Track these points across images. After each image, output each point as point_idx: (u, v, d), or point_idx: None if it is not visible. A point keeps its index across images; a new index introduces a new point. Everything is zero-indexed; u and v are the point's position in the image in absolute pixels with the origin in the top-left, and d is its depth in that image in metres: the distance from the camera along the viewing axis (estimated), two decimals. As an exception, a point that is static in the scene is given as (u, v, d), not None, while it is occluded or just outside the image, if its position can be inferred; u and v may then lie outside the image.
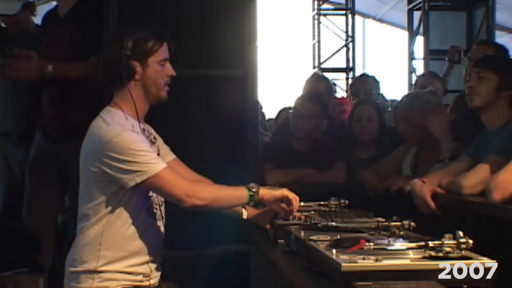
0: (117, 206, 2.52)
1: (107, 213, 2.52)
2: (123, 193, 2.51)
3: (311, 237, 2.29)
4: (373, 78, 5.20)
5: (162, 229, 2.68)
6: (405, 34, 10.30)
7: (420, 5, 9.07)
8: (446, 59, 5.62)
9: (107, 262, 2.51)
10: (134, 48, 2.55)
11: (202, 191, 2.51)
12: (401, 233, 2.28)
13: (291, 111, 4.43)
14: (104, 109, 2.61)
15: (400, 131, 3.81)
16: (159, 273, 2.66)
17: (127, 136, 2.46)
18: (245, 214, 2.76)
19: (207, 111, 3.38)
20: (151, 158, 2.46)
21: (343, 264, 1.85)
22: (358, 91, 5.01)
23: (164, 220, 2.69)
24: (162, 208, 2.68)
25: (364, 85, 5.03)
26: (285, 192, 2.64)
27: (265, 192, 2.59)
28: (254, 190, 2.56)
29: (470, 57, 4.12)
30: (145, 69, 2.58)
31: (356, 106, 4.33)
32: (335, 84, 13.67)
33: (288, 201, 2.64)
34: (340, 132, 4.35)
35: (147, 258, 2.58)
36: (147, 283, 2.60)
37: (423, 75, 5.92)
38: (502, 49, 4.22)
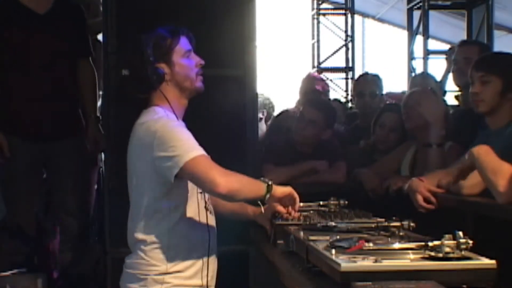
0: None
1: None
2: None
3: (310, 237, 2.28)
4: (377, 76, 4.95)
5: None
6: (404, 33, 10.29)
7: (419, 5, 9.07)
8: (451, 59, 5.57)
9: None
10: (155, 52, 2.55)
11: (233, 179, 2.48)
12: (401, 233, 2.27)
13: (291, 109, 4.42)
14: (142, 112, 2.61)
15: (403, 115, 3.78)
16: None
17: (164, 124, 2.48)
18: (263, 209, 2.75)
19: (206, 111, 3.39)
20: (189, 144, 2.46)
21: (342, 265, 1.84)
22: (363, 92, 4.78)
23: None
24: None
25: (369, 87, 4.79)
26: (291, 189, 2.65)
27: (275, 186, 2.59)
28: (269, 182, 2.56)
29: (456, 59, 4.06)
30: (172, 68, 2.58)
31: (382, 111, 4.14)
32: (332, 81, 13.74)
33: (292, 200, 2.65)
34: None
35: None
36: None
37: (415, 76, 5.89)
38: (486, 48, 4.17)
